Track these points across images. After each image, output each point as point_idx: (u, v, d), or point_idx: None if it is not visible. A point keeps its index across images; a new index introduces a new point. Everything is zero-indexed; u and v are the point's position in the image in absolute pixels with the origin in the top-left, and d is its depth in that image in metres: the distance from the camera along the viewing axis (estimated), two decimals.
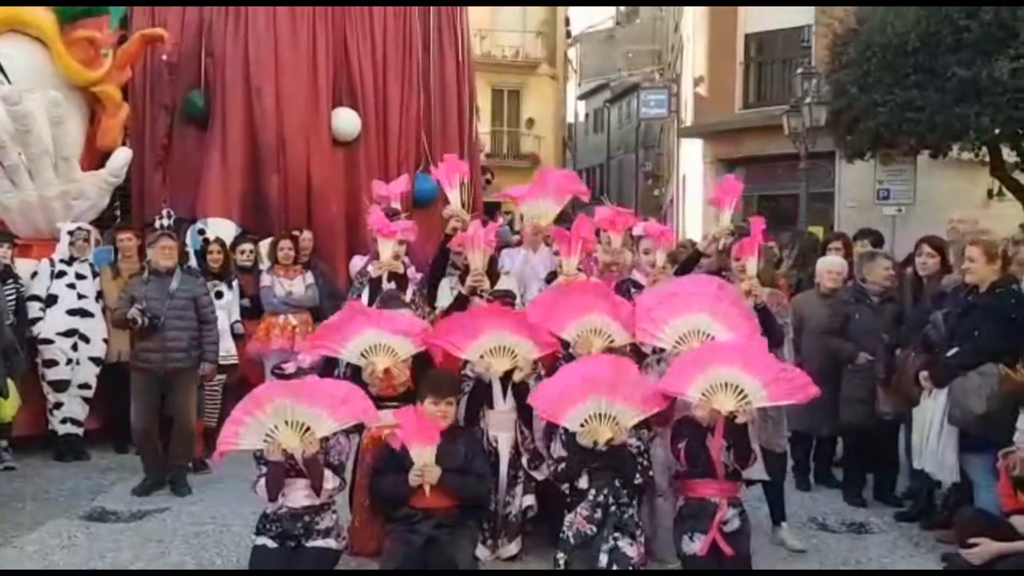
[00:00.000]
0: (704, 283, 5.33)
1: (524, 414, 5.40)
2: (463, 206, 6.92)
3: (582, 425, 4.92)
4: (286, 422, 4.64)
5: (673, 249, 6.64)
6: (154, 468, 6.74)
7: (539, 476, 5.32)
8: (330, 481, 4.81)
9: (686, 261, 6.15)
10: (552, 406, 4.99)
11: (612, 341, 5.28)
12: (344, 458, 4.99)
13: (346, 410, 4.76)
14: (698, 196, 24.28)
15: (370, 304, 5.88)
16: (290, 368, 4.93)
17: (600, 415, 4.92)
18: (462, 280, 5.76)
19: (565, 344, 5.40)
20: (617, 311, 5.33)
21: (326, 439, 4.78)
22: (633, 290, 5.93)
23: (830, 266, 7.19)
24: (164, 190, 9.06)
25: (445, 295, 5.93)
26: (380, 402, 5.08)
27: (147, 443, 6.76)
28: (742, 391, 4.78)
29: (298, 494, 4.78)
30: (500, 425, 5.40)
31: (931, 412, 5.60)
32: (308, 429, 4.66)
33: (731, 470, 4.96)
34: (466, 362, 5.39)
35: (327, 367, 5.53)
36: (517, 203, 5.99)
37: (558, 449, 5.11)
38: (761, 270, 5.61)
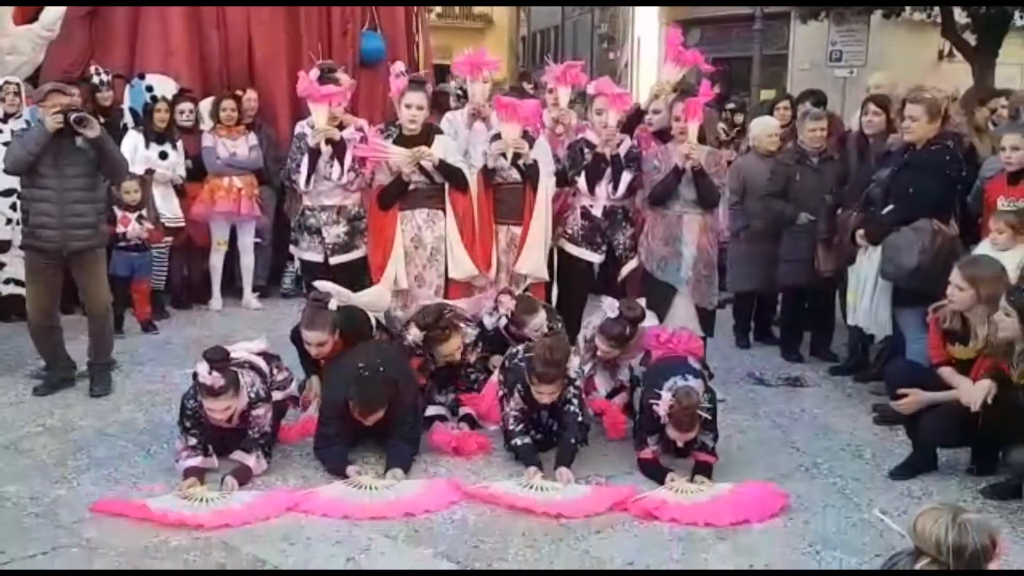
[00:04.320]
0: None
1: None
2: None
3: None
4: None
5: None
6: (59, 362, 6.02)
7: None
8: (259, 467, 4.66)
9: (630, 119, 6.14)
10: None
11: None
12: (268, 428, 4.75)
13: None
14: (653, 59, 23.98)
15: (308, 176, 5.89)
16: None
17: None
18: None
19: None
20: None
21: (246, 412, 4.61)
22: (586, 150, 5.92)
23: (768, 129, 7.22)
24: (89, 45, 8.68)
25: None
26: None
27: (47, 334, 5.96)
28: None
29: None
30: None
31: (866, 269, 5.72)
32: None
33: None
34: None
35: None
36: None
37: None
38: (703, 130, 5.65)
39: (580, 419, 4.86)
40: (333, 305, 5.11)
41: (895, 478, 4.73)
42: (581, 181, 5.92)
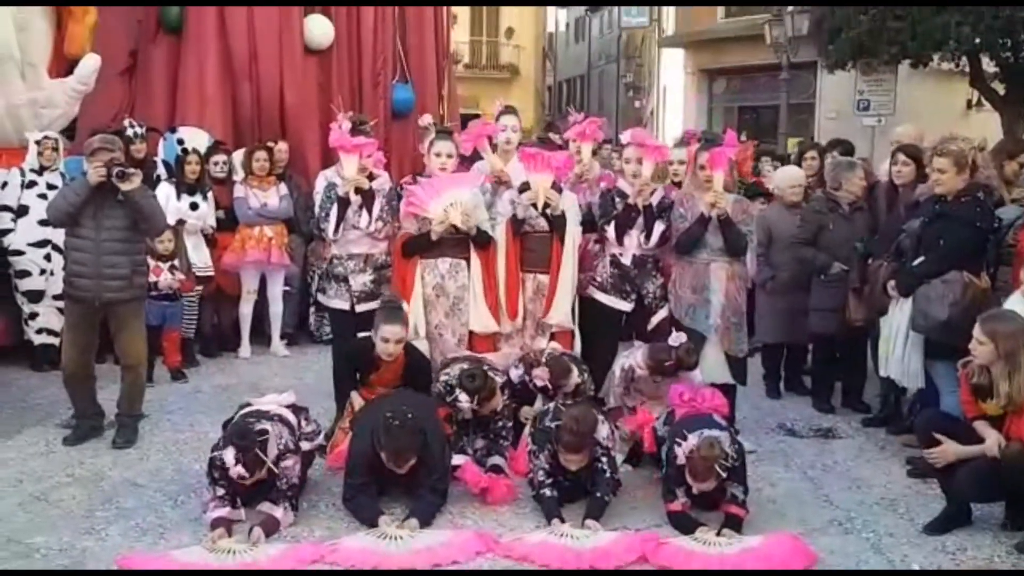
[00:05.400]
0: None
1: None
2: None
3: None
4: None
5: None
6: (89, 411, 6.00)
7: None
8: (286, 518, 4.66)
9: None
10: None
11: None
12: (296, 479, 4.78)
13: None
14: (678, 107, 24.13)
15: (337, 225, 5.95)
16: None
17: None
18: None
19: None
20: None
21: (274, 464, 4.61)
22: (618, 199, 5.93)
23: (792, 180, 7.21)
24: (129, 99, 8.85)
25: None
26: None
27: (81, 383, 5.95)
28: None
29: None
30: None
31: (898, 320, 5.67)
32: None
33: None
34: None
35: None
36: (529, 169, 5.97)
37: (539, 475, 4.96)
38: (728, 180, 5.69)
39: (608, 475, 4.86)
40: (406, 307, 5.57)
41: (929, 533, 4.65)
42: (610, 230, 5.92)
